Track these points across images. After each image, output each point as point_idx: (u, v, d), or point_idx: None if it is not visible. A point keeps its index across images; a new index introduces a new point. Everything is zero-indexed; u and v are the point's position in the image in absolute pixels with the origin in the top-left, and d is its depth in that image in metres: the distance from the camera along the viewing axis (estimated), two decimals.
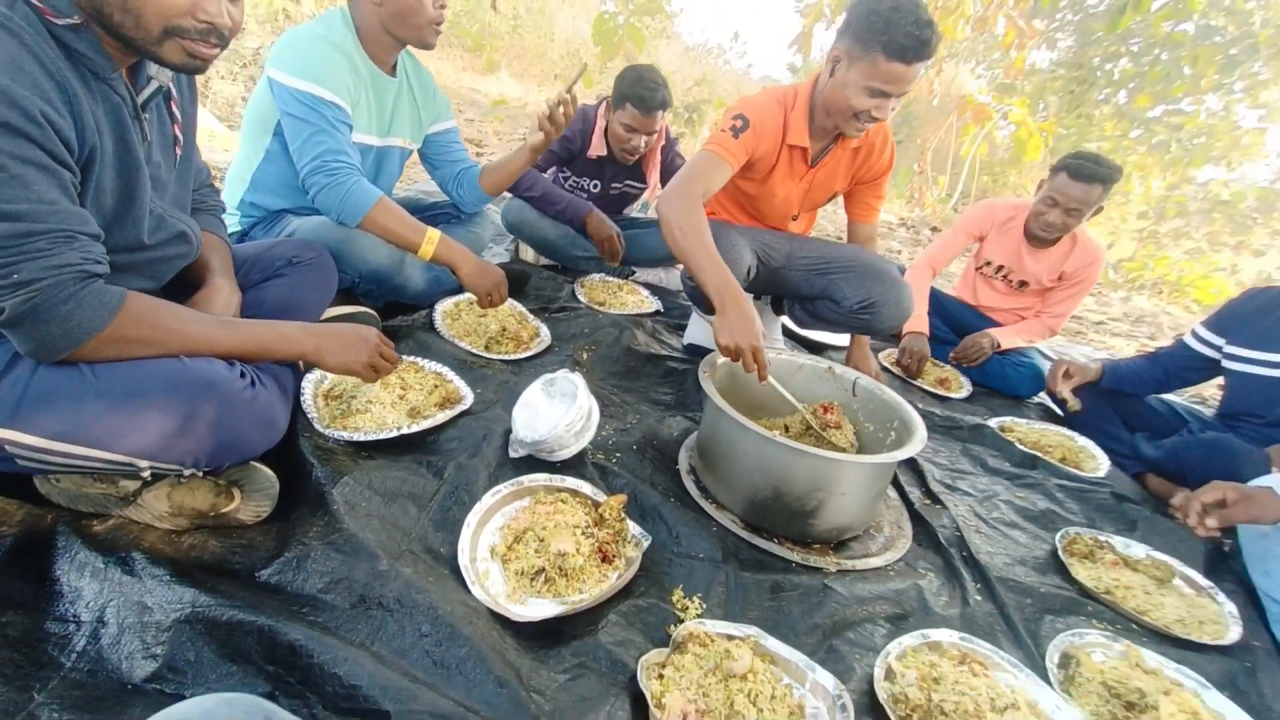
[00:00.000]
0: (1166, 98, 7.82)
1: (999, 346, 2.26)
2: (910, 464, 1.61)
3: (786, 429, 1.50)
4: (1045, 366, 2.28)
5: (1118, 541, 1.44)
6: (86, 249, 0.77)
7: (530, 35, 12.58)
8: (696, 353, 2.03)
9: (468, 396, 1.37)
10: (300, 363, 1.17)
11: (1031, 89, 9.00)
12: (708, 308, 1.42)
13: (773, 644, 0.94)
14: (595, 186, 2.48)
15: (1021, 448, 1.85)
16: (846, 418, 1.48)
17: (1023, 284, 2.34)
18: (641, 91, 2.14)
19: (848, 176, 1.82)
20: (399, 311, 1.73)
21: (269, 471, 0.97)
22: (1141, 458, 1.85)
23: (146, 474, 0.84)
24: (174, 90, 0.97)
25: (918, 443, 1.26)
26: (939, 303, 2.52)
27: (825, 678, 0.90)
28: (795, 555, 1.18)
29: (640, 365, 1.85)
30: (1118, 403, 2.01)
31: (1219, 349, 1.79)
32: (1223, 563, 1.46)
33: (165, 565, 0.81)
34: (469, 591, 0.91)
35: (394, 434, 1.17)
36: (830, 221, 5.58)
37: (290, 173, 1.50)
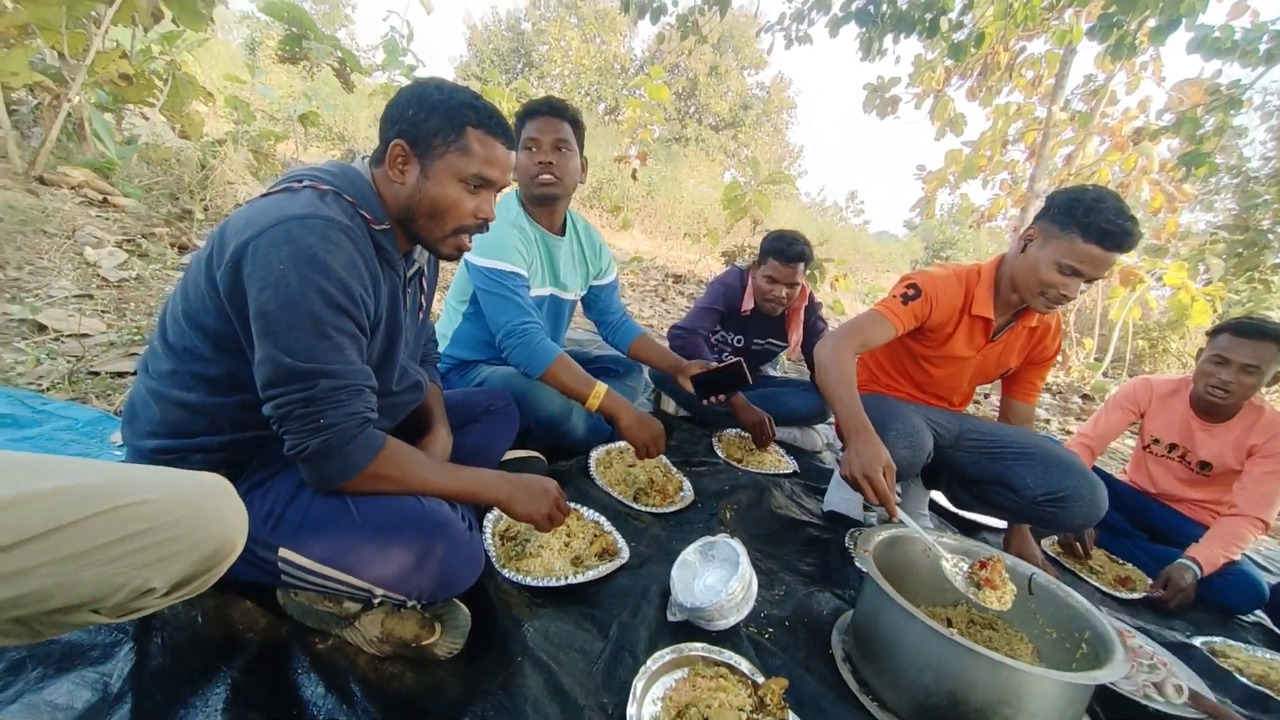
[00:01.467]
0: None
1: (1204, 573, 1.86)
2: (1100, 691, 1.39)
3: (950, 622, 1.39)
4: (1264, 578, 1.94)
5: None
6: (368, 399, 0.97)
7: (662, 199, 14.15)
8: (837, 520, 1.98)
9: (624, 550, 1.43)
10: None
11: (1187, 251, 8.52)
12: (843, 442, 1.45)
13: None
14: (739, 341, 2.63)
15: (1244, 680, 1.54)
16: (1017, 600, 1.34)
17: (1204, 465, 2.06)
18: (780, 245, 2.35)
19: (1021, 355, 1.85)
20: (559, 456, 1.88)
21: (466, 610, 1.07)
22: None
23: (379, 599, 0.96)
24: (425, 268, 1.24)
25: (1119, 665, 1.11)
26: (1119, 496, 2.27)
27: None
28: None
29: (782, 530, 1.83)
30: None
31: None
32: None
33: (375, 701, 0.89)
34: None
35: (563, 582, 1.24)
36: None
37: (483, 332, 1.78)
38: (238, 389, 0.94)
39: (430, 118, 1.00)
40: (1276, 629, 1.90)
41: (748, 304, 2.49)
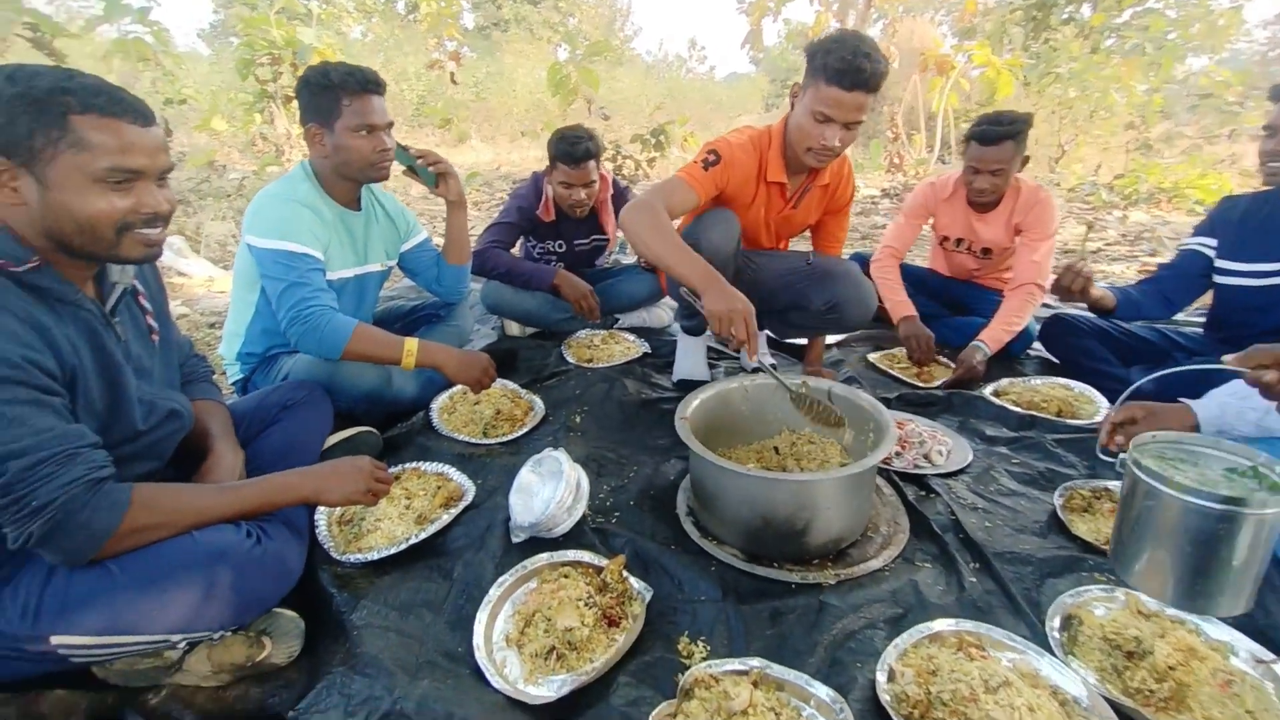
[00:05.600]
0: (1130, 1, 7.70)
1: (992, 350, 2.12)
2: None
3: (777, 450, 1.56)
4: (1035, 322, 2.28)
5: (1116, 486, 1.45)
6: (88, 459, 0.88)
7: (494, 98, 13.05)
8: (688, 388, 2.10)
9: (469, 490, 1.48)
10: None
11: (992, 27, 8.96)
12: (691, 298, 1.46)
13: (777, 670, 1.00)
14: (560, 247, 2.60)
15: (1016, 409, 1.87)
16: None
17: (986, 251, 2.35)
18: (565, 148, 2.28)
19: (819, 210, 1.95)
20: (398, 419, 1.85)
21: (291, 614, 1.07)
22: (1140, 393, 1.84)
23: (182, 645, 0.95)
24: (139, 285, 1.10)
25: (889, 442, 1.31)
26: (918, 278, 2.54)
27: (824, 692, 0.95)
28: (795, 575, 1.23)
29: (634, 415, 1.94)
30: (1111, 341, 2.01)
31: (1214, 248, 1.80)
32: None
33: None
34: (488, 684, 1.00)
35: (403, 546, 1.27)
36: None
37: (277, 322, 1.65)
38: None
39: (16, 118, 0.83)
40: (1050, 356, 2.27)
41: (548, 212, 2.44)
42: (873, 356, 2.34)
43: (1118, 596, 1.13)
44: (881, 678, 0.99)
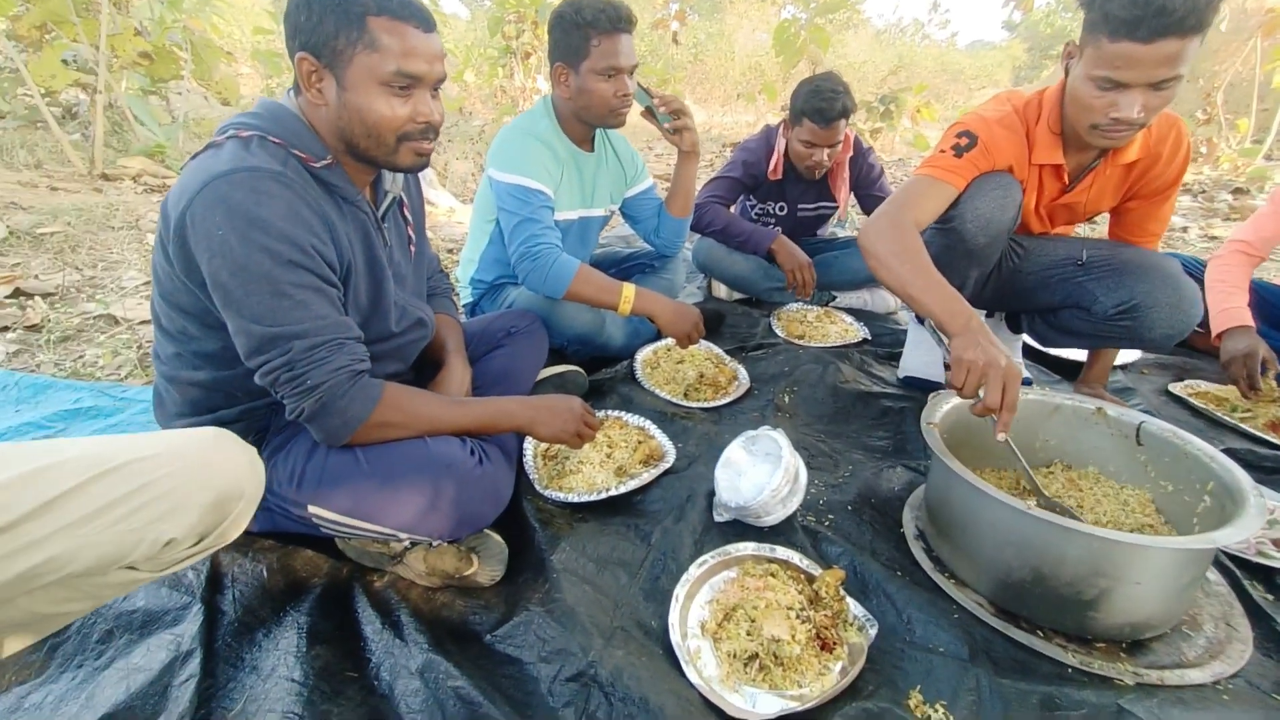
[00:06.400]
0: None
1: None
2: None
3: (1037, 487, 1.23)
4: None
5: None
6: (353, 350, 0.93)
7: (711, 59, 12.83)
8: (915, 386, 1.81)
9: (670, 453, 1.38)
10: None
11: None
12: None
13: None
14: (782, 209, 2.38)
15: None
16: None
17: None
18: (818, 103, 2.02)
19: (1118, 194, 1.47)
20: (603, 365, 1.83)
21: (499, 539, 1.07)
22: None
23: (407, 542, 0.98)
24: (404, 198, 1.14)
25: (1250, 519, 0.93)
26: (1270, 301, 1.89)
27: None
28: (1072, 658, 0.95)
29: (849, 405, 1.70)
30: None
31: None
32: None
33: (424, 633, 0.93)
34: (682, 674, 0.89)
35: (602, 495, 1.21)
36: None
37: (508, 254, 1.69)
38: (236, 361, 0.93)
39: (324, 18, 0.86)
40: None
41: (777, 170, 2.21)
42: (1176, 388, 1.81)
43: None
44: None
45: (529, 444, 1.36)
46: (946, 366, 1.09)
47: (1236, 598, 1.07)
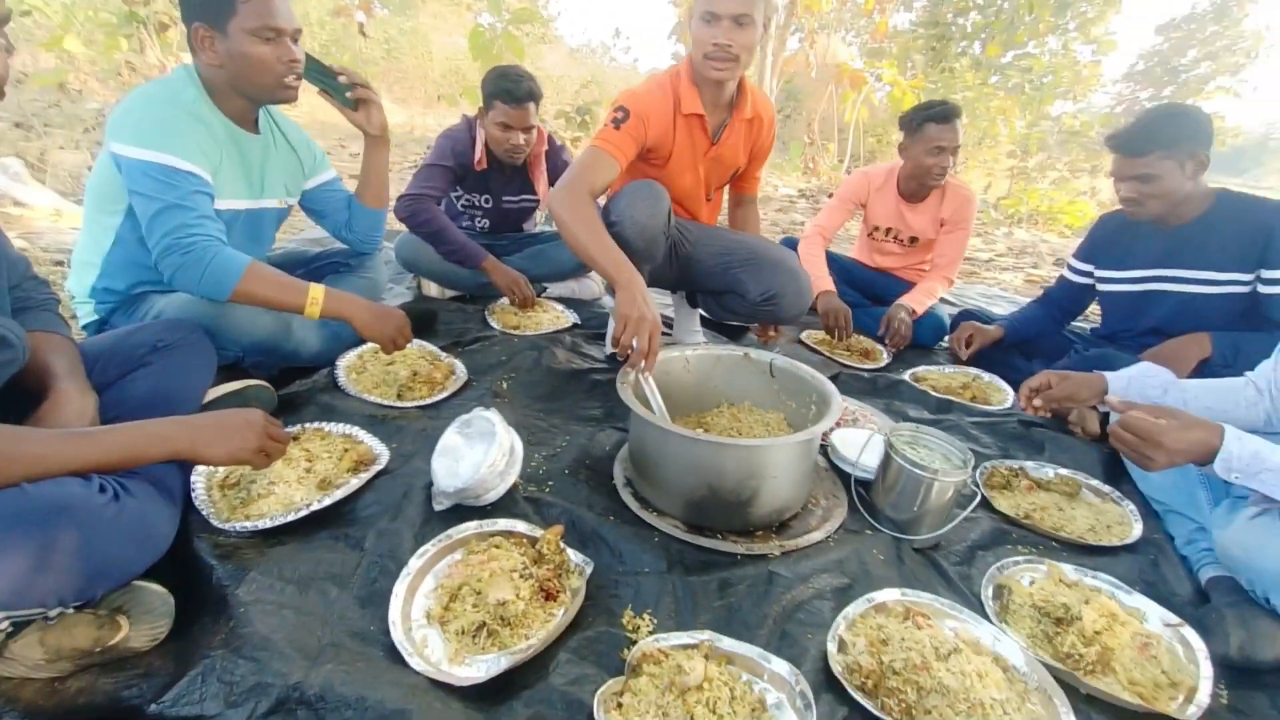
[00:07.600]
0: (1013, 44, 8.50)
1: (915, 314, 2.29)
2: None
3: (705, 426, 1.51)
4: (945, 314, 2.42)
5: (1030, 466, 1.54)
6: None
7: (407, 58, 12.16)
8: (621, 361, 2.02)
9: (382, 454, 1.31)
10: None
11: (898, 50, 9.56)
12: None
13: (727, 644, 0.94)
14: (488, 202, 2.42)
15: (935, 394, 1.95)
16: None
17: (913, 240, 2.47)
18: (506, 85, 2.10)
19: (747, 150, 1.87)
20: (296, 376, 1.62)
21: (157, 588, 0.87)
22: None
23: (5, 625, 0.74)
24: None
25: (834, 412, 1.29)
26: (843, 268, 2.62)
27: (781, 666, 0.91)
28: (740, 547, 1.19)
29: (564, 384, 1.82)
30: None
31: (1091, 274, 1.95)
32: (1118, 465, 1.59)
33: None
34: (407, 666, 0.86)
35: (303, 513, 1.09)
36: None
37: (147, 254, 1.36)
38: None
39: None
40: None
41: (481, 160, 2.25)
42: (804, 335, 2.38)
43: (1041, 567, 1.18)
44: (833, 648, 0.96)
45: (199, 474, 1.14)
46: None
47: (837, 474, 1.47)
